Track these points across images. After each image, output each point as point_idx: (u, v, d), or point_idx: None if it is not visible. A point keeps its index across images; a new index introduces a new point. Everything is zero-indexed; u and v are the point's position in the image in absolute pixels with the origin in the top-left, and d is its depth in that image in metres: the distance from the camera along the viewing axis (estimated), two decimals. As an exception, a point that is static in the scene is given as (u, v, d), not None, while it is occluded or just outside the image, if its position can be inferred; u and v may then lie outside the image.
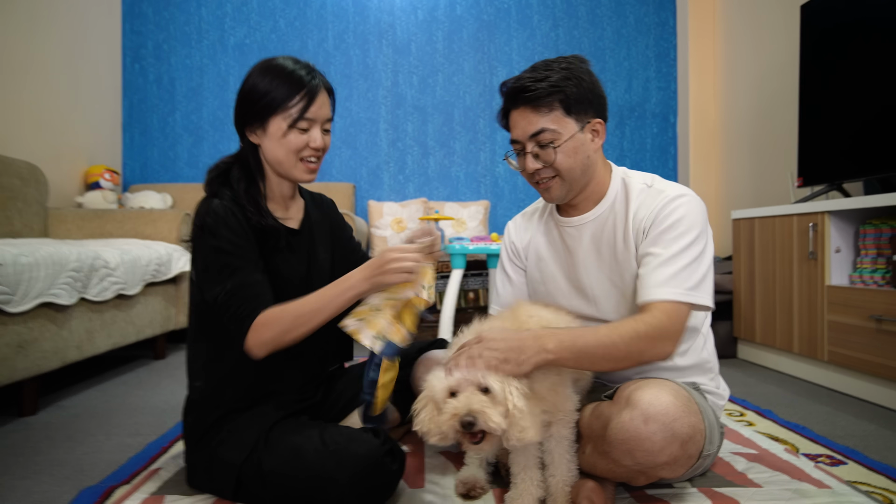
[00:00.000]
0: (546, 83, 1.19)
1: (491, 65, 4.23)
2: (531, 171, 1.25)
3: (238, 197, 1.26)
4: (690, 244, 1.15)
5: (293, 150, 1.27)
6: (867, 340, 2.06)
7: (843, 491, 1.26)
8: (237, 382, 1.27)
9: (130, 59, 4.09)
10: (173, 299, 2.90)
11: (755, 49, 3.54)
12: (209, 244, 1.20)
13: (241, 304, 1.17)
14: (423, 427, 1.03)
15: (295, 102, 1.24)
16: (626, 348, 1.07)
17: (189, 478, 1.29)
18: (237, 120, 1.30)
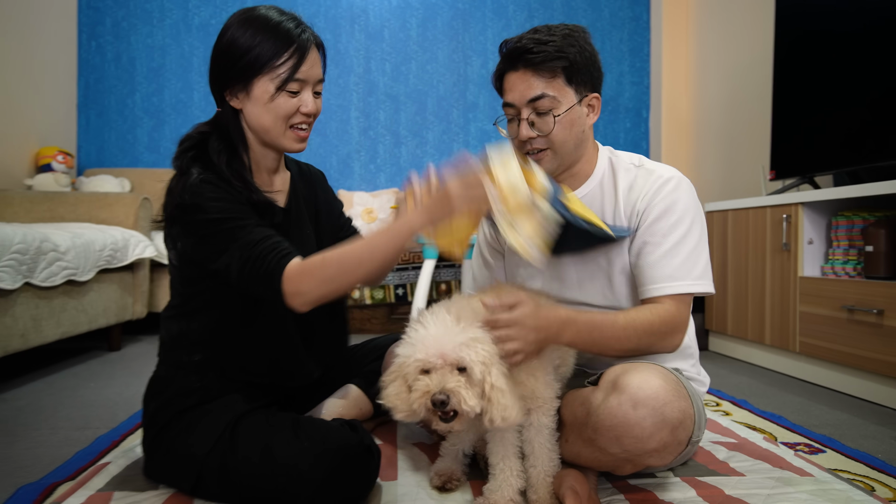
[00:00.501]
0: (551, 47, 1.13)
1: (465, 54, 4.16)
2: (524, 139, 1.18)
3: (220, 171, 1.10)
4: (689, 230, 1.15)
5: (282, 116, 1.13)
6: (839, 331, 2.07)
7: (826, 479, 1.24)
8: (217, 367, 1.16)
9: (87, 37, 3.88)
10: (130, 287, 2.75)
11: (727, 44, 3.56)
12: (196, 219, 1.06)
13: (258, 265, 1.02)
14: (390, 402, 0.94)
15: (283, 60, 1.09)
16: (637, 341, 1.08)
17: (146, 468, 1.18)
18: (214, 81, 1.15)
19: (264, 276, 1.02)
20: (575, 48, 1.14)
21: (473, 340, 0.89)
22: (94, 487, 1.16)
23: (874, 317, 1.91)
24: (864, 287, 1.97)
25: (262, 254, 1.03)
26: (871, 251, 2.01)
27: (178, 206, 1.08)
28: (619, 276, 1.21)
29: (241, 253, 1.04)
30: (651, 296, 1.13)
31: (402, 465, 1.30)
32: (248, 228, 1.06)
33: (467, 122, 4.17)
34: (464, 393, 0.88)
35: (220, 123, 1.17)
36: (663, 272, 1.12)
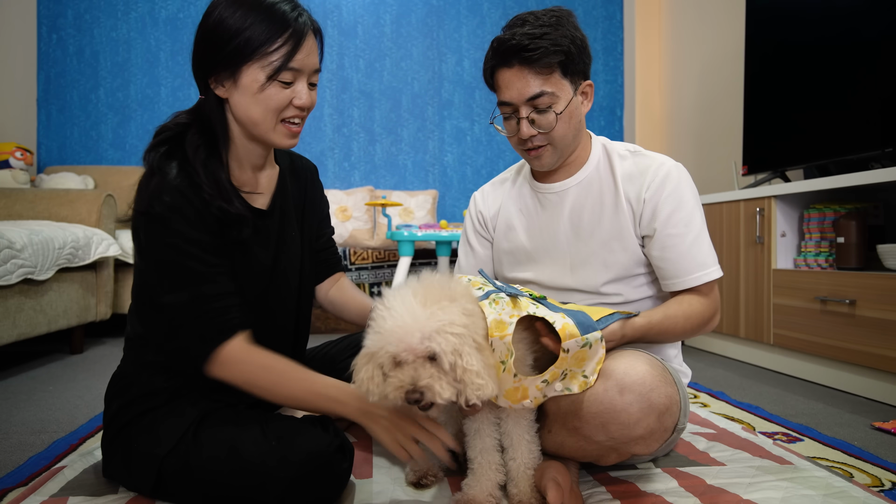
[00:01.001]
0: (547, 41, 1.09)
1: (440, 51, 4.13)
2: (527, 137, 1.16)
3: (194, 172, 1.00)
4: (702, 220, 1.19)
5: (273, 109, 1.02)
6: (812, 322, 2.08)
7: (805, 466, 1.23)
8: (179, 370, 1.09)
9: (47, 29, 3.74)
10: (93, 287, 2.64)
11: (699, 43, 3.60)
12: (159, 238, 0.98)
13: (202, 322, 0.98)
14: (362, 386, 0.90)
15: (276, 47, 0.99)
16: (692, 332, 1.16)
17: (105, 469, 1.11)
18: (197, 65, 1.04)
19: (200, 339, 0.99)
20: (567, 38, 1.11)
21: (441, 327, 0.84)
22: (47, 493, 1.09)
23: (846, 307, 1.93)
24: (836, 278, 1.99)
25: (208, 314, 0.99)
26: (843, 242, 2.03)
27: (145, 213, 0.99)
28: (615, 263, 1.20)
29: (188, 300, 0.98)
30: (690, 286, 1.16)
31: (377, 463, 1.26)
32: (206, 276, 0.99)
33: (442, 120, 4.13)
34: (437, 387, 0.84)
35: (202, 114, 1.07)
36: (694, 262, 1.15)
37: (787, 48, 2.50)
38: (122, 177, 3.59)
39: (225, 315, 1.00)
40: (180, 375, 1.09)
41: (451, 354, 0.84)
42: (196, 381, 1.10)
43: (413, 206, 3.84)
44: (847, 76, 2.17)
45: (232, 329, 1.00)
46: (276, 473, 0.97)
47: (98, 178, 3.55)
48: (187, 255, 0.98)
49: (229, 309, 1.01)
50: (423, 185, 4.14)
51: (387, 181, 4.12)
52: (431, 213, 3.87)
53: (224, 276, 1.02)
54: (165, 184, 0.98)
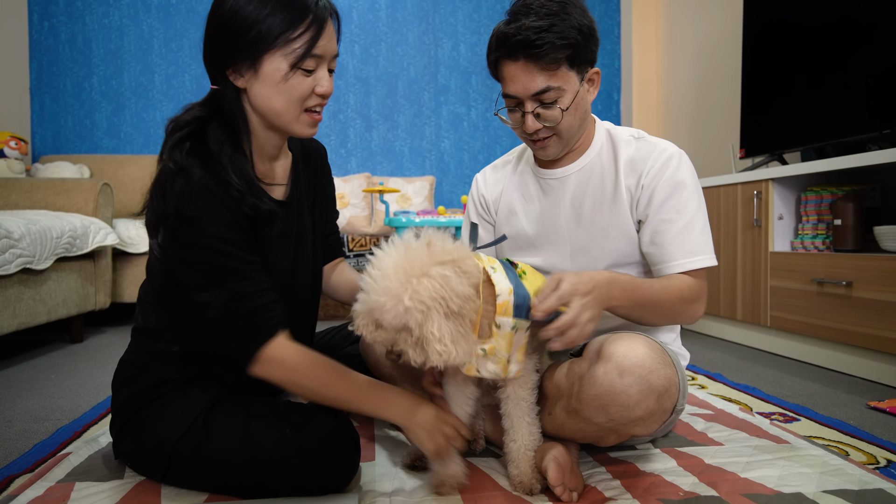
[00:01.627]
0: (554, 34, 1.05)
1: (436, 36, 4.10)
2: (532, 132, 1.14)
3: (222, 170, 0.97)
4: (698, 207, 1.16)
5: (297, 99, 0.99)
6: (808, 304, 2.10)
7: (802, 445, 1.25)
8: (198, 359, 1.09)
9: (38, 17, 3.70)
10: (91, 276, 2.64)
11: (697, 26, 3.58)
12: (192, 240, 0.96)
13: (245, 321, 0.96)
14: (358, 331, 0.95)
15: (299, 33, 0.95)
16: (671, 307, 1.10)
17: (115, 451, 1.12)
18: (211, 56, 1.01)
19: (244, 339, 0.97)
20: (575, 28, 1.07)
21: (412, 300, 0.86)
22: (53, 478, 1.10)
23: (843, 289, 1.94)
24: (832, 260, 2.00)
25: (249, 313, 0.97)
26: (839, 225, 2.04)
27: (176, 214, 0.95)
28: (614, 250, 1.20)
29: (228, 298, 0.96)
30: (678, 271, 1.15)
31: (379, 446, 1.27)
32: (243, 273, 0.97)
33: (438, 105, 4.11)
34: (410, 353, 0.91)
35: (219, 106, 1.02)
36: (681, 249, 1.14)
37: (784, 31, 2.49)
38: (118, 165, 3.57)
39: (266, 313, 0.98)
40: (193, 365, 1.09)
41: (417, 327, 0.88)
42: (209, 371, 1.10)
43: (410, 192, 3.84)
44: (844, 58, 2.17)
45: (274, 328, 0.98)
46: (290, 461, 0.98)
47: (93, 167, 3.53)
48: (223, 254, 0.96)
49: (269, 306, 0.98)
50: (420, 171, 4.13)
51: (384, 168, 4.10)
52: (429, 200, 3.87)
53: (260, 273, 1.00)
54: (193, 184, 0.95)
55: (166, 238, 1.00)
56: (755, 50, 2.66)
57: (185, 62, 3.80)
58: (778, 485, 1.05)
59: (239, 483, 1.01)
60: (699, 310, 1.16)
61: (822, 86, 2.28)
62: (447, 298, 0.87)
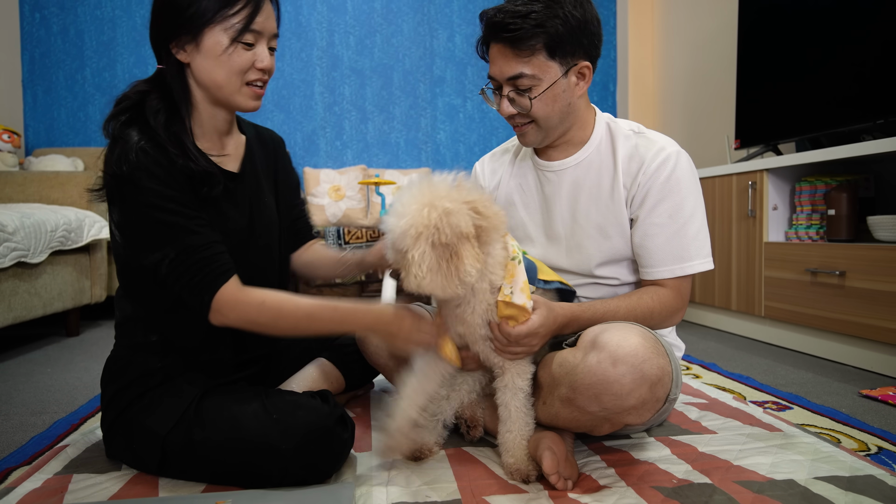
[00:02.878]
0: (529, 21, 1.05)
1: (431, 27, 4.08)
2: (506, 116, 1.16)
3: (156, 135, 1.01)
4: (693, 210, 1.15)
5: (237, 71, 1.04)
6: (802, 294, 2.11)
7: (794, 433, 1.26)
8: (177, 346, 1.11)
9: (29, 8, 3.66)
10: (86, 270, 2.63)
11: (692, 16, 3.57)
12: (132, 200, 0.99)
13: (192, 273, 0.99)
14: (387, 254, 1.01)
15: (238, 9, 1.01)
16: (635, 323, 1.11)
17: (108, 449, 1.13)
18: (156, 32, 1.06)
19: (195, 289, 1.00)
20: (559, 18, 1.06)
21: (409, 223, 0.92)
22: (51, 471, 1.11)
23: (836, 278, 1.95)
24: (826, 250, 2.01)
25: (198, 264, 1.00)
26: (833, 215, 2.05)
27: (114, 176, 1.00)
28: (609, 247, 1.20)
29: (176, 255, 0.99)
30: (655, 278, 1.15)
31: (375, 436, 1.28)
32: (188, 228, 1.00)
33: (434, 97, 4.10)
34: (403, 275, 0.96)
35: (161, 80, 1.07)
36: (668, 255, 1.14)
37: (779, 21, 2.48)
38: (112, 158, 3.55)
39: (214, 262, 1.01)
40: (174, 353, 1.10)
41: (410, 252, 0.93)
42: (191, 359, 1.11)
43: (406, 184, 3.83)
44: (839, 49, 2.17)
45: (224, 275, 1.01)
46: (278, 446, 0.98)
47: (87, 160, 3.51)
48: (165, 210, 0.99)
49: (217, 256, 1.02)
50: (416, 163, 4.12)
51: (379, 159, 4.09)
52: (425, 192, 3.86)
53: (206, 227, 1.03)
54: (128, 147, 0.99)
55: (113, 207, 1.04)
56: (750, 40, 2.65)
57: (179, 54, 3.78)
58: (770, 472, 1.06)
59: (231, 471, 1.02)
60: (674, 321, 1.18)
61: (816, 76, 2.28)
62: (440, 229, 0.91)
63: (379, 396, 1.57)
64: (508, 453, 1.07)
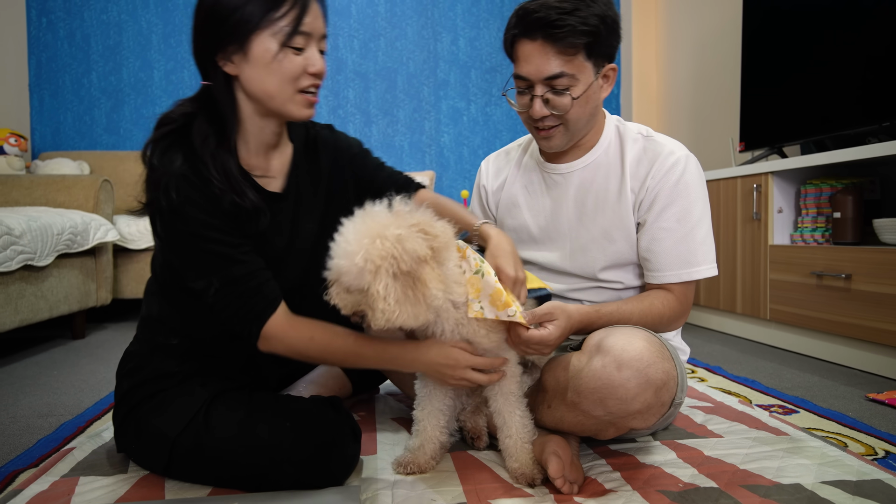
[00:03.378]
0: (576, 18, 1.03)
1: (435, 30, 4.09)
2: (538, 117, 1.12)
3: (202, 165, 0.97)
4: (701, 216, 1.15)
5: (289, 78, 0.98)
6: (808, 297, 2.11)
7: (801, 437, 1.26)
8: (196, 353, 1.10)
9: (36, 13, 3.69)
10: (92, 273, 2.65)
11: (696, 18, 3.57)
12: (177, 229, 0.97)
13: (239, 304, 0.98)
14: (332, 300, 0.94)
15: (284, 12, 0.95)
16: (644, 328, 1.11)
17: (118, 443, 1.12)
18: (201, 47, 1.01)
19: (243, 320, 0.99)
20: (598, 16, 1.05)
21: (363, 258, 0.87)
22: (58, 473, 1.11)
23: (842, 281, 1.95)
24: (831, 253, 2.00)
25: (245, 294, 0.98)
26: (839, 217, 2.04)
27: (157, 206, 0.97)
28: (615, 251, 1.20)
29: (221, 285, 0.97)
30: (661, 282, 1.15)
31: (381, 440, 1.28)
32: (233, 257, 0.98)
33: (438, 100, 4.11)
34: (369, 314, 0.91)
35: (208, 100, 1.01)
36: (676, 259, 1.13)
37: (784, 23, 2.48)
38: (118, 162, 3.57)
39: (260, 293, 0.99)
40: (193, 360, 1.10)
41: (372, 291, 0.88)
42: (209, 364, 1.11)
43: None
44: (844, 51, 2.16)
45: (271, 305, 1.00)
46: (290, 454, 0.98)
47: (93, 164, 3.53)
48: (209, 240, 0.97)
49: (263, 286, 1.00)
50: (419, 166, 4.13)
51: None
52: (429, 195, 3.86)
53: (251, 254, 1.01)
54: (172, 176, 0.96)
55: (156, 230, 1.02)
56: (754, 42, 2.65)
57: (184, 58, 3.79)
58: (777, 476, 1.06)
59: (240, 475, 1.02)
60: (679, 324, 1.19)
61: (821, 78, 2.27)
62: (398, 258, 0.87)
63: (384, 399, 1.57)
64: (512, 458, 1.06)
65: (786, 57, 2.46)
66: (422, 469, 1.09)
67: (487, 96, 4.13)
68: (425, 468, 1.09)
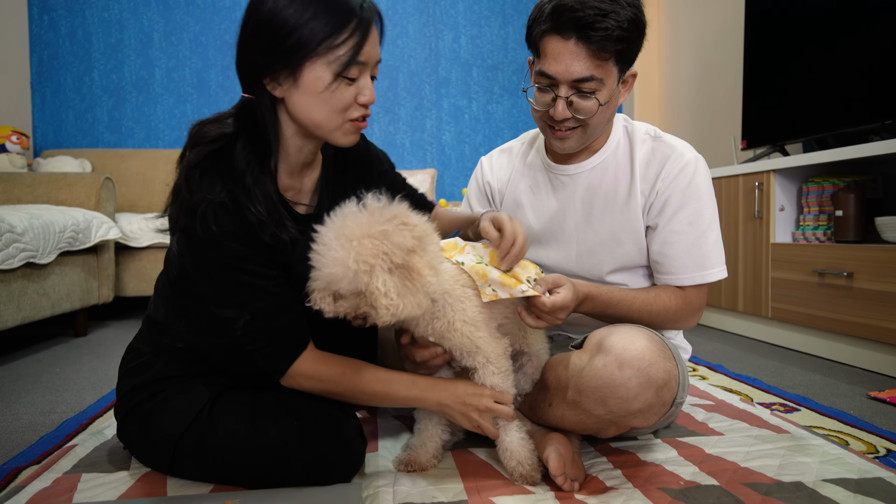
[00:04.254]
0: (613, 21, 0.99)
1: (437, 28, 4.08)
2: (560, 119, 1.08)
3: (244, 194, 0.92)
4: (711, 219, 1.15)
5: (339, 109, 0.93)
6: (809, 295, 2.10)
7: (802, 435, 1.26)
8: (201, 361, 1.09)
9: (38, 10, 3.69)
10: (94, 270, 2.65)
11: (698, 15, 3.56)
12: (210, 257, 0.93)
13: (269, 340, 0.96)
14: (316, 305, 0.91)
15: (343, 39, 0.89)
16: (650, 321, 1.11)
17: (121, 440, 1.12)
18: (246, 64, 0.94)
19: (272, 357, 0.98)
20: (634, 22, 1.02)
21: (356, 260, 0.85)
22: (60, 470, 1.11)
23: (844, 279, 1.95)
24: (833, 251, 2.00)
25: (275, 331, 0.96)
26: (841, 216, 2.04)
27: (193, 234, 0.93)
28: (623, 254, 1.19)
29: (252, 317, 0.95)
30: (676, 284, 1.15)
31: (382, 437, 1.28)
32: (266, 290, 0.95)
33: (440, 98, 4.10)
34: (373, 313, 0.89)
35: (249, 117, 0.96)
36: (688, 263, 1.13)
37: (786, 21, 2.47)
38: (119, 160, 3.58)
39: (290, 330, 0.97)
40: (198, 363, 1.09)
41: (370, 291, 0.87)
42: (213, 369, 1.09)
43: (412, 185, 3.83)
44: (846, 49, 2.16)
45: (300, 342, 0.99)
46: (299, 454, 0.98)
47: (95, 161, 3.53)
48: (244, 271, 0.94)
49: (293, 323, 0.98)
50: (421, 164, 4.13)
51: (385, 161, 4.09)
52: (430, 192, 3.86)
53: (283, 287, 0.98)
54: (209, 204, 0.91)
55: (184, 249, 0.97)
56: (756, 41, 2.65)
57: (186, 56, 3.79)
58: (778, 474, 1.06)
59: (245, 474, 1.02)
60: (689, 323, 1.17)
61: (823, 76, 2.27)
62: (389, 253, 0.86)
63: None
64: (510, 456, 1.06)
65: (788, 55, 2.46)
66: (423, 467, 1.09)
67: (489, 94, 4.12)
68: (427, 466, 1.09)
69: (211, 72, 3.82)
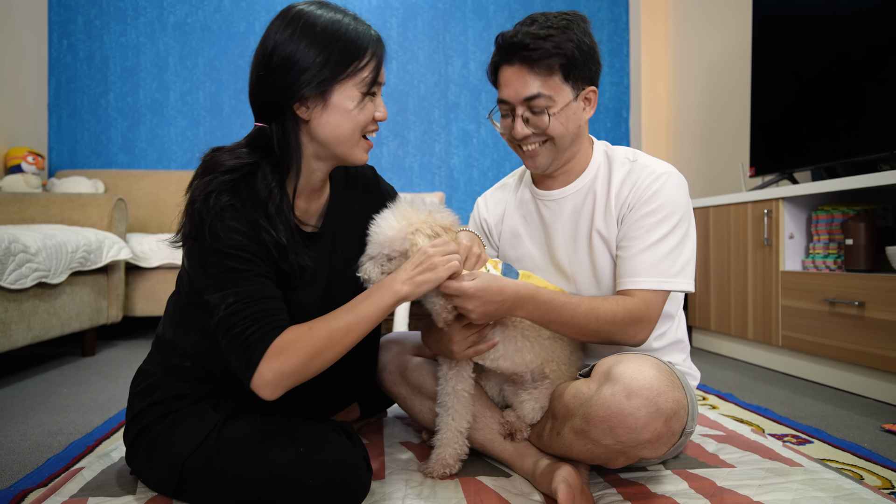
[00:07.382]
0: (549, 43, 1.08)
1: (446, 54, 4.15)
2: (520, 137, 1.16)
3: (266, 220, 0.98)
4: (673, 229, 1.13)
5: (362, 125, 1.02)
6: (820, 324, 2.08)
7: (815, 468, 1.24)
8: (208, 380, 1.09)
9: (58, 35, 3.78)
10: (104, 290, 2.67)
11: (705, 44, 3.60)
12: (207, 245, 0.97)
13: (247, 323, 0.93)
14: (364, 274, 1.07)
15: (366, 63, 0.99)
16: (597, 328, 1.08)
17: (129, 462, 1.12)
18: (271, 95, 1.00)
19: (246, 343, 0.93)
20: (573, 42, 1.10)
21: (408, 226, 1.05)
22: (67, 493, 1.11)
23: (855, 309, 1.93)
24: (844, 280, 1.99)
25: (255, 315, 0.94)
26: (851, 244, 2.03)
27: (190, 235, 0.98)
28: (608, 273, 1.20)
29: (236, 300, 0.94)
30: (624, 288, 1.12)
31: (389, 464, 1.27)
32: (255, 276, 0.97)
33: (448, 123, 4.15)
34: None
35: (265, 146, 1.02)
36: (640, 267, 1.11)
37: (794, 49, 2.50)
38: (132, 180, 3.62)
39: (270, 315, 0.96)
40: (205, 383, 1.09)
41: (412, 251, 1.04)
42: (223, 389, 1.10)
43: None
44: (854, 77, 2.17)
45: (274, 331, 0.95)
46: (305, 481, 0.97)
47: (108, 182, 3.58)
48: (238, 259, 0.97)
49: (274, 310, 0.97)
50: (429, 187, 4.16)
51: (393, 184, 4.04)
52: (438, 216, 3.88)
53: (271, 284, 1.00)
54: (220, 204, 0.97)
55: (190, 251, 1.02)
56: (764, 68, 2.67)
57: (200, 80, 3.87)
58: (791, 509, 1.04)
59: (251, 500, 1.01)
60: (638, 335, 1.09)
61: (832, 104, 2.28)
62: (431, 224, 1.06)
63: (392, 423, 1.57)
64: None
65: (795, 82, 2.47)
66: (450, 468, 1.18)
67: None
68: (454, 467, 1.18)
69: (224, 95, 3.89)
